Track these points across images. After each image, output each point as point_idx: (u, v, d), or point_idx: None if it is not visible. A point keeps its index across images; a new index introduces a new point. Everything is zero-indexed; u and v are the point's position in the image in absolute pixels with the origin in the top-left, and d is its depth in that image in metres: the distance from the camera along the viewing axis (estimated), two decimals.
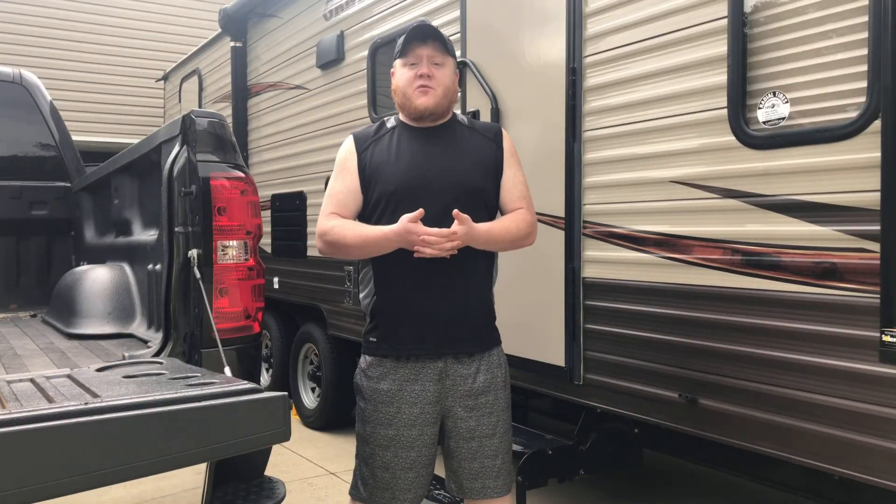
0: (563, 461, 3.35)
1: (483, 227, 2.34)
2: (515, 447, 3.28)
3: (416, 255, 2.27)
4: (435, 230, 2.25)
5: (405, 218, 2.27)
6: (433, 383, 2.37)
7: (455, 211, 2.26)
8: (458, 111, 2.59)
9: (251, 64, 6.48)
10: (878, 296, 2.21)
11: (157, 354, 2.63)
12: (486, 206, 2.44)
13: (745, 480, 3.36)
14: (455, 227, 2.26)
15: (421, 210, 2.25)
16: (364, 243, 2.34)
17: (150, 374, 2.10)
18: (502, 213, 2.49)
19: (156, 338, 2.85)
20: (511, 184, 2.47)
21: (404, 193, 2.35)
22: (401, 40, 2.43)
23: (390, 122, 2.51)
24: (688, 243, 2.79)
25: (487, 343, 2.46)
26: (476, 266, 2.41)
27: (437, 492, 3.25)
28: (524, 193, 2.49)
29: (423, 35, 2.39)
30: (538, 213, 2.93)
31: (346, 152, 2.48)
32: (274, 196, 5.95)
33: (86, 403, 1.66)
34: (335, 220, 2.40)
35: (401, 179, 2.37)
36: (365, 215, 2.43)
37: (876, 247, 2.22)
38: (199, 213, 2.62)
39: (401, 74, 2.44)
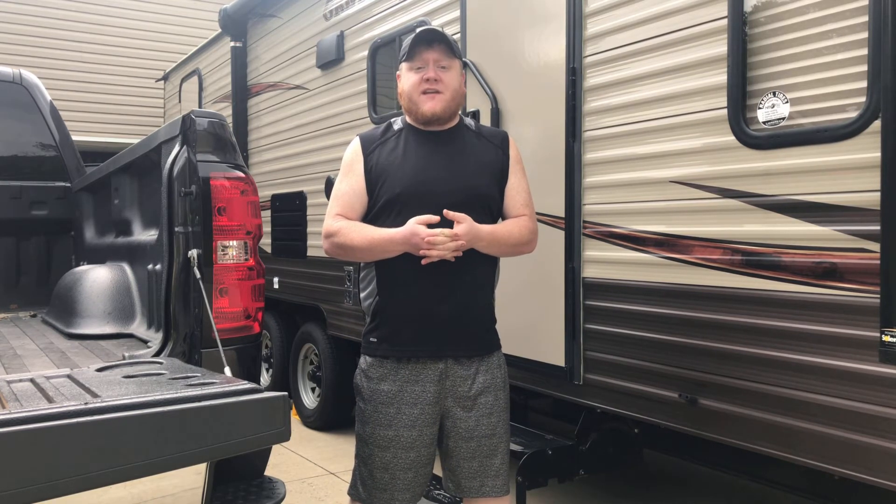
0: (563, 461, 3.35)
1: (487, 228, 2.35)
2: (515, 447, 3.28)
3: (423, 261, 2.28)
4: (438, 230, 2.25)
5: (413, 219, 2.27)
6: (433, 384, 2.37)
7: (445, 210, 2.26)
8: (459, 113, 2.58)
9: (251, 64, 6.48)
10: (878, 296, 2.21)
11: (157, 354, 2.63)
12: (491, 211, 2.45)
13: (745, 480, 3.36)
14: (457, 227, 2.27)
15: (434, 217, 2.26)
16: (370, 245, 2.34)
17: (150, 374, 2.10)
18: (505, 220, 2.49)
19: (156, 338, 2.85)
20: (515, 191, 2.48)
21: (410, 197, 2.35)
22: (406, 43, 2.43)
23: (397, 125, 2.51)
24: (688, 243, 2.79)
25: (488, 346, 2.46)
26: (479, 269, 2.41)
27: (436, 491, 3.25)
28: (527, 201, 2.50)
29: (429, 38, 2.38)
30: (539, 214, 2.93)
31: (353, 154, 2.48)
32: (274, 196, 5.95)
33: (86, 403, 1.66)
34: (341, 221, 2.40)
35: (407, 183, 2.37)
36: (370, 217, 2.42)
37: (876, 247, 2.22)
38: (199, 213, 2.62)
39: (407, 78, 2.42)
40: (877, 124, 2.21)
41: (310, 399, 5.74)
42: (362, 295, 2.52)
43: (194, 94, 7.77)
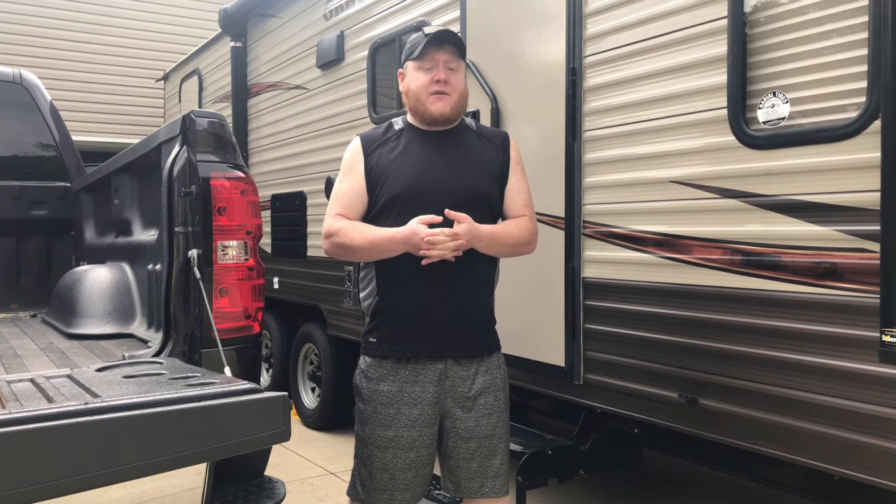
0: (563, 461, 3.35)
1: (487, 228, 2.35)
2: (515, 447, 3.29)
3: (423, 261, 2.28)
4: (437, 230, 2.25)
5: (415, 219, 2.27)
6: (433, 385, 2.37)
7: (447, 210, 2.26)
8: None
9: (251, 64, 6.48)
10: (878, 296, 2.21)
11: (157, 354, 2.63)
12: (492, 212, 2.45)
13: (745, 480, 3.36)
14: (457, 227, 2.26)
15: (437, 217, 2.26)
16: (370, 245, 2.34)
17: (150, 374, 2.10)
18: (505, 220, 2.49)
19: (156, 338, 2.85)
20: (515, 191, 2.48)
21: (410, 197, 2.35)
22: (412, 41, 2.43)
23: (398, 124, 2.50)
24: (688, 243, 2.79)
25: (488, 346, 2.46)
26: (478, 269, 2.41)
27: (436, 492, 3.25)
28: (527, 202, 2.50)
29: (440, 39, 2.38)
30: (539, 214, 2.93)
31: (353, 153, 2.47)
32: (274, 196, 5.95)
33: (86, 403, 1.66)
34: (342, 221, 2.40)
35: (407, 183, 2.37)
36: (370, 217, 2.42)
37: (876, 247, 2.22)
38: (199, 213, 2.62)
39: (415, 78, 2.42)
40: (877, 124, 2.21)
41: (310, 399, 5.74)
42: (362, 295, 2.52)
43: (194, 94, 7.77)
